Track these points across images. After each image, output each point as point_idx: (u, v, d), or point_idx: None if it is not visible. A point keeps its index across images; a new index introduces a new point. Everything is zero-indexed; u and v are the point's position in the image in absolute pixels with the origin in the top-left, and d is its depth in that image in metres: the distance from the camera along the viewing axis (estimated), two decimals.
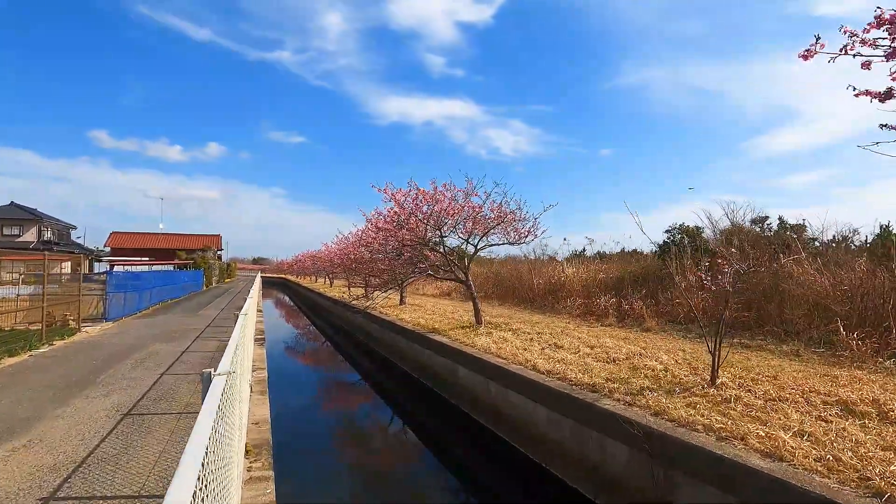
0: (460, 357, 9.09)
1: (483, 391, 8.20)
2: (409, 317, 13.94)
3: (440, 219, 10.53)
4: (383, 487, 6.32)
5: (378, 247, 12.14)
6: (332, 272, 29.25)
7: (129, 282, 16.57)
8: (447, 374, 9.73)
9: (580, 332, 10.19)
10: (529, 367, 7.23)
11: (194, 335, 11.56)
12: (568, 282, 14.87)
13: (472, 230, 11.04)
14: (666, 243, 13.92)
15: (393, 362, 13.16)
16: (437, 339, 10.26)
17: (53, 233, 53.92)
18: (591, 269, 14.99)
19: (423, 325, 11.98)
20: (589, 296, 13.84)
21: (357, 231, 17.57)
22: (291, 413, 8.88)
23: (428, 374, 10.84)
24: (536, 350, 8.38)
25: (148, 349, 9.40)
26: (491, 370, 7.85)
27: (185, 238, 56.84)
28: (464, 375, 8.96)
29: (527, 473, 6.31)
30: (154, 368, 7.60)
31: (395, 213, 10.85)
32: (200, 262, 39.05)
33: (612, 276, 13.69)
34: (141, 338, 10.90)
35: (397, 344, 13.17)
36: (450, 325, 11.66)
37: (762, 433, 4.15)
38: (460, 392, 9.09)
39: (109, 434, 4.53)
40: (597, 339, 9.07)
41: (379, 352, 14.74)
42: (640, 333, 10.05)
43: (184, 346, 9.93)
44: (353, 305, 14.84)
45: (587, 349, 8.21)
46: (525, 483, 6.20)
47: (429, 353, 10.80)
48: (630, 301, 11.74)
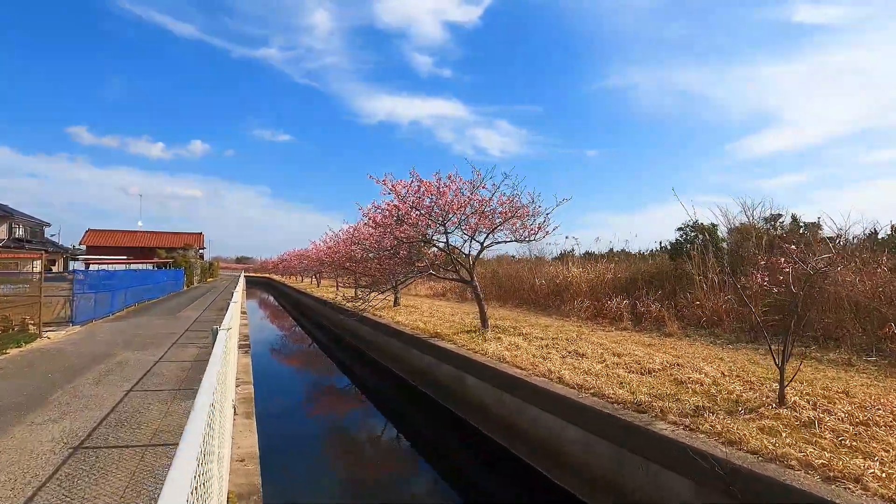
0: (469, 365, 8.20)
1: (495, 404, 7.33)
2: (406, 319, 13.00)
3: (445, 213, 9.62)
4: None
5: (374, 244, 11.17)
6: (320, 271, 28.09)
7: (100, 281, 15.29)
8: (453, 384, 8.84)
9: (597, 337, 9.38)
10: (554, 379, 6.38)
11: (171, 341, 10.46)
12: (573, 282, 14.08)
13: (477, 226, 10.15)
14: (679, 242, 13.23)
15: (388, 368, 12.21)
16: (442, 344, 9.36)
17: (25, 230, 51.58)
18: (597, 269, 14.22)
19: (424, 329, 11.06)
20: (597, 297, 13.07)
21: (349, 228, 16.58)
22: (282, 437, 7.79)
23: (428, 381, 9.93)
24: (557, 359, 7.54)
25: (116, 358, 8.30)
26: (507, 381, 6.99)
27: (165, 236, 54.85)
28: (473, 385, 8.08)
29: (550, 498, 5.46)
30: (120, 383, 6.54)
31: (394, 207, 9.90)
32: (181, 261, 37.46)
33: (622, 277, 12.94)
34: (110, 344, 9.77)
35: (393, 349, 12.23)
36: (453, 330, 10.76)
37: (877, 472, 3.34)
38: (468, 404, 8.20)
39: (49, 480, 3.52)
40: (621, 346, 8.27)
41: (372, 356, 13.77)
42: (661, 339, 9.29)
43: (158, 354, 8.85)
44: (346, 308, 13.81)
45: (614, 358, 7.39)
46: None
47: (430, 359, 9.89)
48: (645, 303, 10.98)
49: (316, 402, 10.66)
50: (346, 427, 8.91)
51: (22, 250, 45.52)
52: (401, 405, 10.08)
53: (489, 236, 10.44)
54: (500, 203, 9.68)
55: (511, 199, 9.55)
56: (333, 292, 26.88)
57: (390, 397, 10.68)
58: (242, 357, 8.27)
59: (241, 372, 7.23)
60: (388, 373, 11.94)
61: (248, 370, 7.56)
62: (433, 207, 9.64)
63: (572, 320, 12.23)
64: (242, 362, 7.90)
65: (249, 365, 8.01)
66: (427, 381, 10.02)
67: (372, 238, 11.41)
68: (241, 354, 8.57)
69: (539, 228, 10.26)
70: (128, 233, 54.44)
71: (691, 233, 12.99)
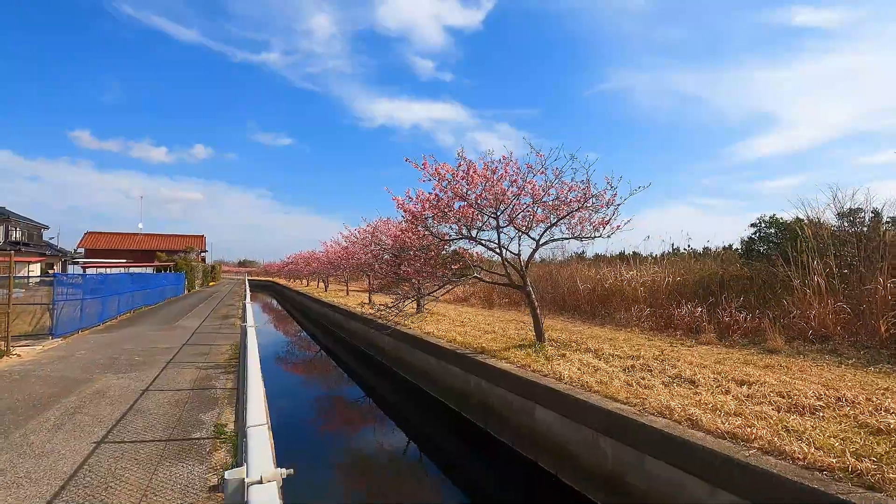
0: (539, 393, 6.47)
1: (588, 450, 5.58)
2: (436, 329, 11.28)
3: (499, 203, 7.91)
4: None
5: (413, 241, 9.42)
6: (331, 275, 26.38)
7: (89, 286, 13.61)
8: (513, 414, 7.10)
9: (689, 355, 7.63)
10: (681, 420, 4.64)
11: (165, 358, 8.74)
12: (626, 287, 12.33)
13: (531, 219, 8.44)
14: (752, 240, 11.47)
15: (417, 386, 10.45)
16: (493, 363, 7.63)
17: (23, 232, 50.27)
18: (651, 271, 12.47)
19: (463, 343, 9.34)
20: (659, 304, 11.32)
21: (368, 227, 14.85)
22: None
23: (475, 407, 8.21)
24: (660, 387, 5.80)
25: (94, 385, 6.59)
26: (602, 419, 5.26)
27: (166, 238, 53.30)
28: (546, 420, 6.34)
29: None
30: (90, 427, 4.82)
31: (435, 198, 8.18)
32: (182, 264, 35.77)
33: (689, 281, 11.17)
34: (91, 364, 8.06)
35: (421, 363, 10.50)
36: (500, 343, 9.04)
37: None
38: (542, 444, 6.45)
39: None
40: (732, 368, 6.51)
41: (399, 372, 12.02)
42: (768, 356, 7.53)
43: (147, 378, 7.13)
44: (366, 317, 12.07)
45: (739, 387, 5.64)
46: None
47: (479, 381, 8.15)
48: (729, 311, 9.22)
49: (336, 428, 8.91)
50: (375, 460, 7.16)
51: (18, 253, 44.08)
52: (438, 433, 8.32)
53: (546, 232, 8.71)
54: (569, 190, 7.94)
55: (582, 185, 7.81)
56: (344, 297, 25.15)
57: (424, 422, 8.92)
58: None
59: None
60: (419, 393, 10.19)
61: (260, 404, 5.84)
62: (484, 196, 7.91)
63: (633, 331, 10.47)
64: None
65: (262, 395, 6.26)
66: (474, 406, 8.29)
67: (405, 235, 9.66)
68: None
69: (604, 223, 8.52)
70: (127, 235, 52.87)
71: (768, 229, 11.23)
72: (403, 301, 9.37)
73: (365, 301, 21.82)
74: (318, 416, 9.74)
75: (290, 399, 10.54)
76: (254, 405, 2.17)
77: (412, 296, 9.55)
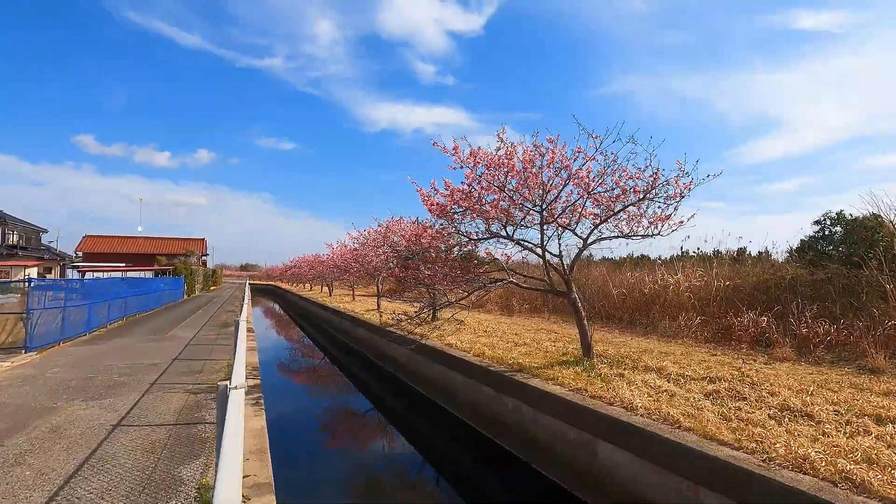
0: (604, 426, 5.19)
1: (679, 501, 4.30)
2: (457, 340, 10.00)
3: (545, 194, 6.66)
4: None
5: (429, 241, 8.16)
6: (338, 278, 25.12)
7: (73, 292, 12.38)
8: (568, 449, 5.81)
9: (776, 375, 6.32)
10: (836, 480, 3.36)
11: (150, 377, 7.49)
12: (670, 292, 11.02)
13: (578, 214, 7.18)
14: (814, 238, 10.17)
15: (445, 409, 9.16)
16: (537, 384, 6.37)
17: (20, 236, 49.25)
18: (697, 274, 11.16)
19: (494, 358, 8.08)
20: (708, 312, 10.02)
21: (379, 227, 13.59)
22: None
23: (510, 432, 6.93)
24: (771, 424, 4.53)
25: (54, 418, 5.33)
26: (706, 469, 3.98)
27: (166, 242, 52.13)
28: (612, 459, 5.06)
29: None
30: (23, 496, 3.56)
31: (468, 188, 6.91)
32: (181, 268, 34.56)
33: (747, 284, 9.85)
34: (60, 386, 6.80)
35: (441, 378, 9.24)
36: (539, 360, 7.77)
37: None
38: (606, 485, 5.17)
39: None
40: (855, 399, 5.21)
41: (417, 388, 10.73)
42: (869, 377, 6.23)
43: (123, 405, 5.86)
44: (389, 329, 10.81)
45: (880, 427, 4.35)
46: None
47: (517, 404, 6.88)
48: (806, 322, 7.92)
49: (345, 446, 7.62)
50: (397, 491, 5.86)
51: (14, 257, 42.92)
52: (467, 462, 7.02)
53: (595, 229, 7.44)
54: (629, 178, 6.66)
55: (653, 171, 6.51)
56: (350, 302, 23.88)
57: (450, 449, 7.62)
58: (253, 416, 5.26)
59: (252, 440, 4.23)
60: (440, 413, 8.88)
61: (262, 435, 4.57)
62: (525, 186, 6.65)
63: (685, 343, 9.17)
64: (254, 426, 4.90)
65: (264, 429, 5.00)
66: (512, 434, 6.99)
67: (425, 234, 8.39)
68: (250, 407, 5.58)
69: (663, 218, 7.23)
70: (127, 238, 51.74)
71: (834, 227, 9.93)
72: (429, 310, 8.10)
73: (372, 307, 20.56)
74: (328, 433, 8.45)
75: (301, 416, 9.25)
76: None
77: (442, 303, 8.26)
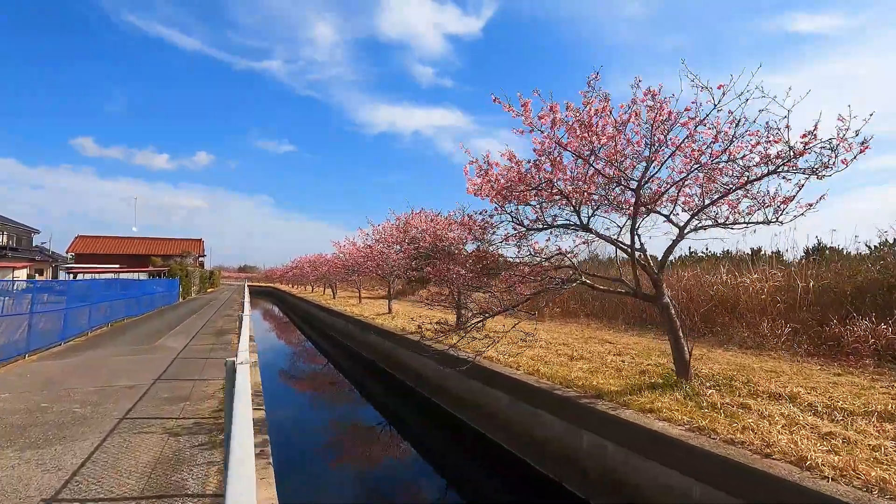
0: (761, 488, 3.55)
1: None
2: (494, 352, 8.38)
3: (648, 165, 5.01)
4: None
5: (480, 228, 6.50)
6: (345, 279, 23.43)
7: (44, 296, 10.69)
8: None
9: None
10: None
11: (122, 407, 5.80)
12: (747, 294, 9.36)
13: (687, 194, 5.54)
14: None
15: (491, 440, 7.48)
16: (630, 418, 4.76)
17: (10, 236, 47.61)
18: (778, 275, 9.50)
19: (552, 377, 6.49)
20: (798, 318, 8.38)
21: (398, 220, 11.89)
22: None
23: (591, 479, 5.27)
24: None
25: None
26: None
27: (161, 243, 50.36)
28: None
29: None
30: None
31: (541, 158, 5.25)
32: (177, 270, 32.82)
33: (849, 285, 8.20)
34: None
35: (479, 395, 7.60)
36: (615, 381, 6.14)
37: None
38: None
39: None
40: None
41: (452, 411, 9.06)
42: None
43: (71, 461, 4.17)
44: (429, 346, 9.12)
45: None
46: None
47: (600, 442, 5.23)
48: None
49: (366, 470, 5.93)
50: None
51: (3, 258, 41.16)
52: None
53: (696, 216, 5.79)
54: (751, 148, 5.01)
55: (778, 136, 4.86)
56: (358, 306, 22.18)
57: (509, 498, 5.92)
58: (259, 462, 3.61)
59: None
60: (482, 442, 7.20)
61: None
62: (623, 155, 5.00)
63: (779, 357, 7.52)
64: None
65: (271, 475, 3.34)
66: (593, 482, 5.33)
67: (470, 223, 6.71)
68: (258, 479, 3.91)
69: (786, 200, 5.57)
70: (121, 239, 49.96)
71: None
72: (479, 321, 6.46)
73: (382, 311, 18.89)
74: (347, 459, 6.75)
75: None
76: None
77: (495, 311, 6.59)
